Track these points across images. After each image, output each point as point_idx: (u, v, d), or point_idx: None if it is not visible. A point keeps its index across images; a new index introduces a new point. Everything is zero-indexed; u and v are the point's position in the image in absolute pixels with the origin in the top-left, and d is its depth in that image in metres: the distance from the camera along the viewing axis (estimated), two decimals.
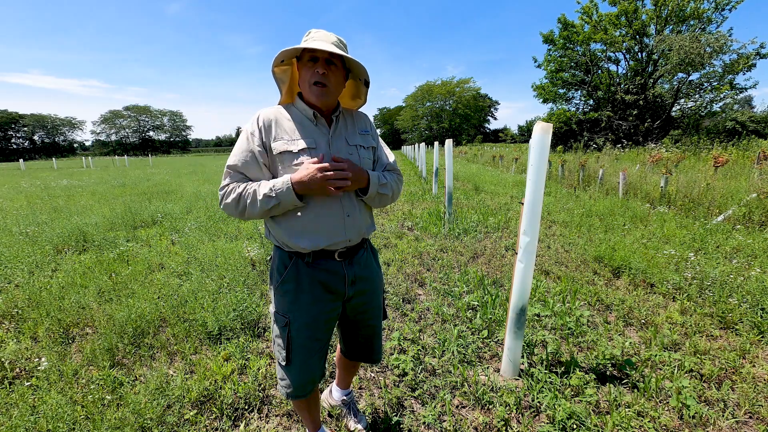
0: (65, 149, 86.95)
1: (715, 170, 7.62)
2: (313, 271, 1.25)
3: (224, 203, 1.20)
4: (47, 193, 10.23)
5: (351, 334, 1.48)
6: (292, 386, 1.33)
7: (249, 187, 1.17)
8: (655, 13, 24.74)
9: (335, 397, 1.83)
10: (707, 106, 24.98)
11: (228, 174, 1.21)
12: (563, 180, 10.17)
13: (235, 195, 1.17)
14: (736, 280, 3.07)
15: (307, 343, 1.28)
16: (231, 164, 1.21)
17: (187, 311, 2.82)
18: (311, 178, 1.12)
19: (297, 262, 1.25)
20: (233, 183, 1.19)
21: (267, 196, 1.14)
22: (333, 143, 1.23)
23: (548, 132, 1.76)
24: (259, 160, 1.20)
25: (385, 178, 1.32)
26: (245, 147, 1.21)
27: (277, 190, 1.13)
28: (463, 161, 22.42)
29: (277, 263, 1.30)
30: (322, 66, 1.17)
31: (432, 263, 3.98)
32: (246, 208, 1.17)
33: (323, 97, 1.20)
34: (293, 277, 1.25)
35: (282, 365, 1.32)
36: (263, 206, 1.14)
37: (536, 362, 2.21)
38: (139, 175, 16.55)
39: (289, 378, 1.32)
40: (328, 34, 1.21)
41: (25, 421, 1.77)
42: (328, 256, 1.26)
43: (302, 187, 1.13)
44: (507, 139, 68.56)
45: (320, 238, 1.21)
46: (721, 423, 1.75)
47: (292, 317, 1.26)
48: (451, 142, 5.79)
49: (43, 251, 4.35)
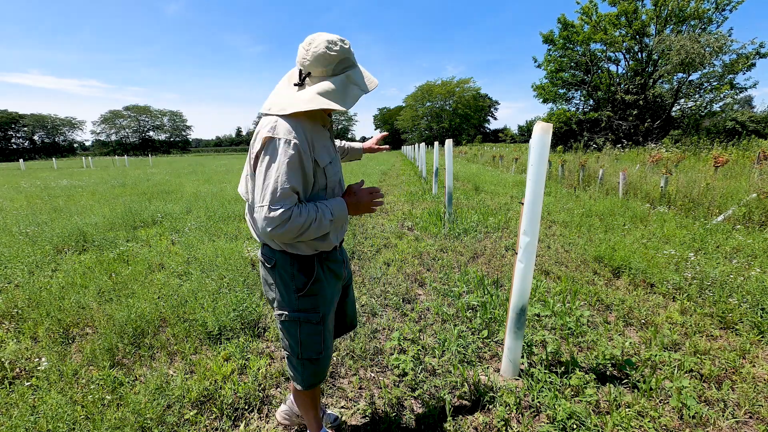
0: (65, 149, 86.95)
1: (715, 170, 7.63)
2: (330, 263, 1.36)
3: (286, 228, 1.10)
4: (47, 193, 10.23)
5: (342, 309, 1.58)
6: (321, 372, 1.44)
7: (312, 213, 1.14)
8: (655, 13, 24.76)
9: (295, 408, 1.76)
10: (707, 106, 24.99)
11: (288, 195, 1.10)
12: (563, 180, 10.17)
13: (301, 221, 1.11)
14: (736, 280, 3.07)
15: (330, 328, 1.42)
16: (291, 185, 1.10)
17: (187, 311, 2.82)
18: (365, 208, 1.30)
19: (321, 261, 1.33)
20: (292, 205, 1.11)
21: (330, 220, 1.19)
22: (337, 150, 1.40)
23: (548, 132, 1.76)
24: (308, 179, 1.17)
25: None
26: (298, 163, 1.12)
27: (336, 216, 1.21)
28: (463, 161, 22.42)
29: (299, 268, 1.28)
30: None
31: (432, 263, 3.98)
32: (308, 232, 1.14)
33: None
34: (321, 274, 1.33)
35: (316, 359, 1.38)
36: (325, 229, 1.19)
37: (536, 362, 2.21)
38: (139, 175, 16.56)
39: (320, 366, 1.41)
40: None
41: (25, 421, 1.77)
42: (334, 249, 1.38)
43: (355, 210, 1.29)
44: (507, 139, 68.54)
45: (340, 235, 1.38)
46: (721, 423, 1.75)
47: (324, 311, 1.35)
48: (451, 142, 5.79)
49: (43, 251, 4.35)
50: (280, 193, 1.09)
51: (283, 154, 1.09)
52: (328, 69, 1.16)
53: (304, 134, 1.14)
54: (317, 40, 1.15)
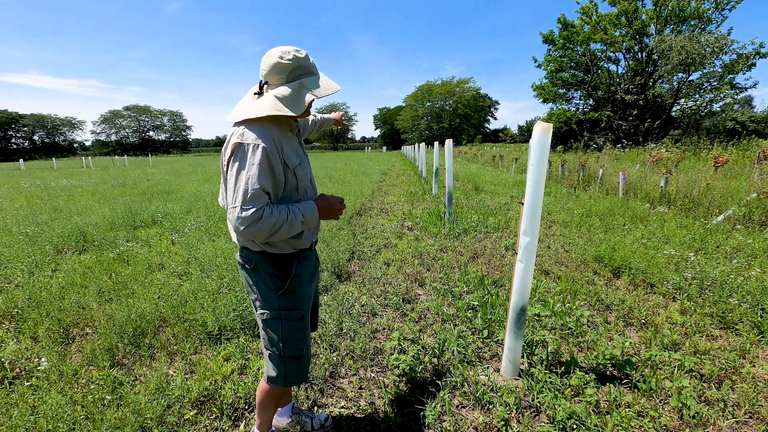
0: (65, 149, 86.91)
1: (715, 170, 7.62)
2: (308, 262, 1.43)
3: (258, 227, 1.16)
4: (47, 193, 10.23)
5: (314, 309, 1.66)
6: (305, 368, 1.48)
7: (283, 213, 1.21)
8: (655, 13, 24.76)
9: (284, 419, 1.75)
10: (707, 106, 24.99)
11: (258, 197, 1.17)
12: (563, 180, 10.17)
13: (272, 221, 1.18)
14: (736, 280, 3.07)
15: (309, 325, 1.47)
16: (261, 186, 1.17)
17: (187, 311, 2.82)
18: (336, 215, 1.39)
19: (299, 259, 1.39)
20: (263, 206, 1.18)
21: (301, 222, 1.27)
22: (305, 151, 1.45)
23: (548, 132, 1.76)
24: (278, 180, 1.25)
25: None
26: (267, 165, 1.19)
27: (307, 219, 1.29)
28: (463, 161, 22.42)
29: (278, 266, 1.36)
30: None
31: (432, 263, 3.98)
32: (279, 232, 1.21)
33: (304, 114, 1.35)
34: (300, 271, 1.39)
35: (298, 357, 1.43)
36: (296, 231, 1.26)
37: (536, 362, 2.21)
38: (139, 175, 16.56)
39: (302, 364, 1.46)
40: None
41: (25, 421, 1.77)
42: (310, 248, 1.46)
43: (325, 215, 1.37)
44: (507, 139, 68.53)
45: (314, 234, 1.44)
46: (721, 423, 1.75)
47: (304, 309, 1.41)
48: (451, 142, 5.79)
49: (43, 251, 4.35)
50: (250, 194, 1.16)
51: (251, 158, 1.17)
52: (282, 77, 1.25)
53: (271, 138, 1.21)
54: (273, 51, 1.26)
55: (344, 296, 3.14)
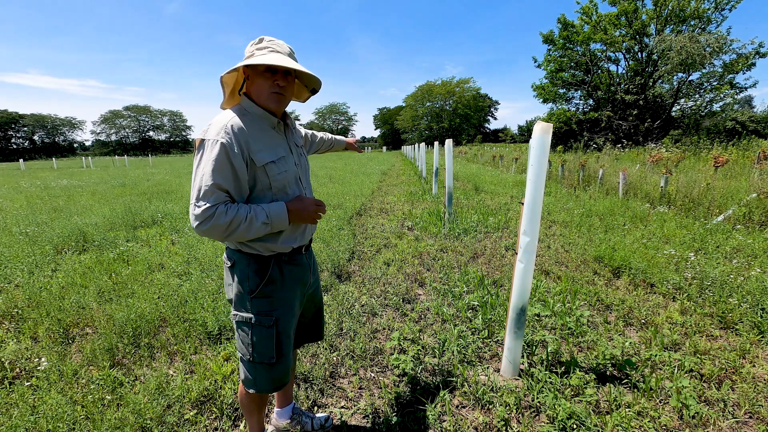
0: (65, 149, 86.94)
1: (715, 170, 7.62)
2: (292, 267, 1.36)
3: (210, 225, 1.11)
4: (47, 193, 10.23)
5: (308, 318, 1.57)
6: (278, 378, 1.38)
7: (241, 213, 1.14)
8: (655, 13, 24.75)
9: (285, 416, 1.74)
10: (707, 106, 24.98)
11: (211, 193, 1.12)
12: (563, 180, 10.17)
13: (226, 219, 1.12)
14: (736, 280, 3.07)
15: (289, 333, 1.39)
16: (214, 182, 1.12)
17: (187, 311, 2.82)
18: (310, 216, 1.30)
19: (278, 263, 1.32)
20: (218, 204, 1.12)
21: (264, 223, 1.18)
22: (292, 149, 1.36)
23: (548, 132, 1.77)
24: (241, 179, 1.17)
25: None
26: (225, 162, 1.13)
27: (273, 219, 1.20)
28: (463, 161, 22.42)
29: (253, 268, 1.29)
30: (282, 79, 1.22)
31: (432, 263, 3.98)
32: (236, 232, 1.15)
33: (282, 105, 1.26)
34: (278, 276, 1.32)
35: (269, 364, 1.34)
36: (258, 233, 1.19)
37: (536, 362, 2.21)
38: (139, 175, 16.56)
39: (274, 373, 1.37)
40: (283, 44, 1.26)
41: (25, 421, 1.77)
42: (297, 252, 1.39)
43: (298, 220, 1.28)
44: (507, 139, 68.55)
45: (299, 238, 1.36)
46: (721, 423, 1.75)
47: (278, 314, 1.33)
48: (451, 142, 5.79)
49: (43, 251, 4.35)
50: (203, 191, 1.12)
51: (208, 154, 1.13)
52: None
53: (233, 134, 1.15)
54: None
55: (344, 296, 3.14)
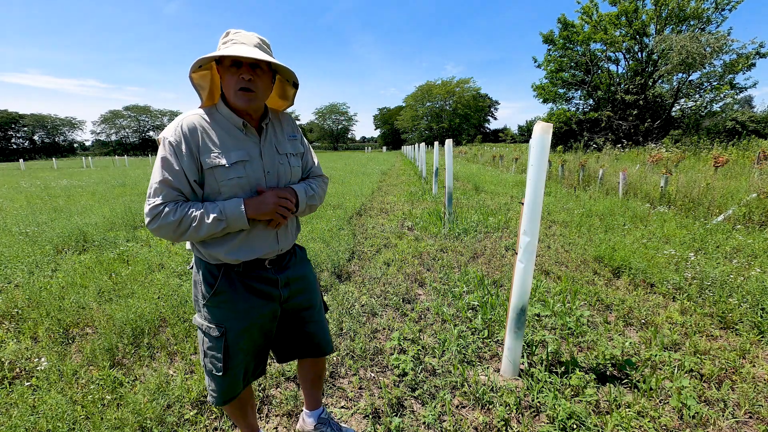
0: (65, 149, 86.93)
1: (715, 170, 7.62)
2: (246, 279, 1.24)
3: (159, 224, 1.07)
4: (47, 193, 10.23)
5: (298, 332, 1.43)
6: (227, 391, 1.29)
7: (193, 210, 1.09)
8: (655, 13, 24.74)
9: (310, 421, 1.68)
10: (707, 106, 24.96)
11: (161, 191, 1.08)
12: (563, 180, 10.17)
13: (176, 217, 1.07)
14: (736, 280, 3.07)
15: (244, 347, 1.27)
16: (163, 179, 1.08)
17: (187, 311, 2.82)
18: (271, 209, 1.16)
19: (228, 273, 1.22)
20: (167, 201, 1.09)
21: (217, 220, 1.10)
22: (264, 154, 1.21)
23: (548, 132, 1.76)
24: (189, 178, 1.12)
25: (312, 189, 1.33)
26: (174, 160, 1.09)
27: (228, 215, 1.11)
28: (463, 161, 22.42)
29: (204, 275, 1.24)
30: (247, 72, 1.11)
31: (432, 263, 3.98)
32: (188, 231, 1.09)
33: (251, 103, 1.15)
34: (226, 288, 1.22)
35: (218, 376, 1.25)
36: (211, 230, 1.10)
37: (536, 362, 2.21)
38: (139, 175, 16.56)
39: (223, 385, 1.27)
40: (249, 35, 1.15)
41: (25, 421, 1.77)
42: (258, 265, 1.25)
43: (257, 215, 1.15)
44: (507, 139, 68.61)
45: (255, 251, 1.22)
46: (721, 423, 1.75)
47: (229, 326, 1.23)
48: (451, 142, 5.79)
49: (43, 251, 4.35)
50: (153, 189, 1.10)
51: (160, 152, 1.11)
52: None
53: (182, 133, 1.11)
54: None
55: (344, 296, 3.14)
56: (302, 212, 1.31)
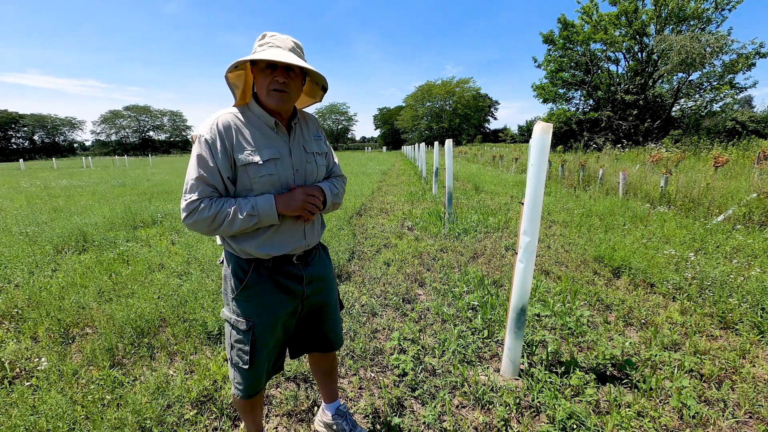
0: (65, 149, 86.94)
1: (715, 170, 7.62)
2: (275, 275, 1.28)
3: (195, 219, 1.13)
4: (47, 193, 10.23)
5: (314, 329, 1.49)
6: (249, 386, 1.33)
7: (226, 206, 1.14)
8: (655, 13, 24.74)
9: (328, 413, 1.71)
10: (707, 106, 24.96)
11: (196, 187, 1.14)
12: (563, 180, 10.17)
13: (211, 212, 1.12)
14: (736, 280, 3.07)
15: (269, 342, 1.31)
16: (198, 176, 1.14)
17: (187, 311, 2.82)
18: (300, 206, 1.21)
19: (258, 268, 1.27)
20: (203, 197, 1.14)
21: (249, 215, 1.14)
22: (294, 152, 1.27)
23: (548, 132, 1.77)
24: (222, 174, 1.16)
25: (336, 187, 1.42)
26: (209, 157, 1.15)
27: (260, 211, 1.16)
28: (463, 161, 22.42)
29: (234, 270, 1.28)
30: (281, 74, 1.16)
31: (432, 263, 3.98)
32: (222, 226, 1.14)
33: (283, 104, 1.19)
34: (256, 282, 1.26)
35: (245, 369, 1.30)
36: (243, 225, 1.15)
37: (536, 362, 2.21)
38: (139, 175, 16.56)
39: (249, 379, 1.32)
40: (284, 38, 1.19)
41: (25, 421, 1.77)
42: (286, 261, 1.30)
43: (287, 211, 1.20)
44: (507, 139, 68.62)
45: (285, 245, 1.26)
46: (721, 423, 1.75)
47: (256, 320, 1.27)
48: (451, 142, 5.79)
49: (43, 251, 4.35)
50: (189, 185, 1.15)
51: (195, 149, 1.16)
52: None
53: (218, 131, 1.15)
54: None
55: (344, 296, 3.14)
56: (327, 210, 1.36)
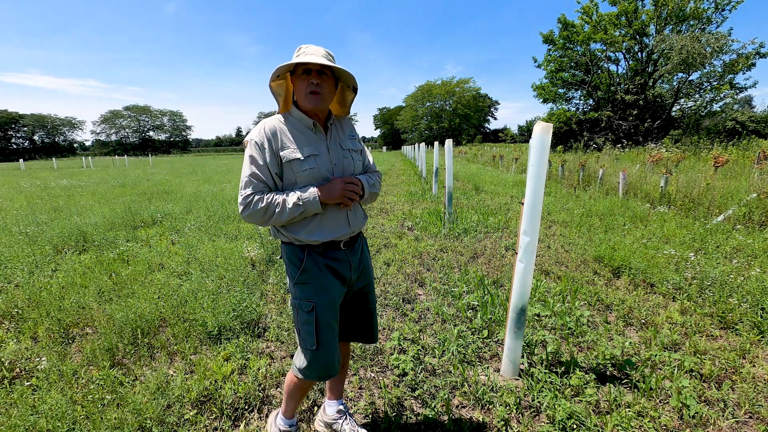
0: (65, 149, 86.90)
1: (715, 170, 7.62)
2: (326, 259, 1.41)
3: (250, 212, 1.30)
4: (47, 193, 10.23)
5: (355, 317, 1.60)
6: (323, 366, 1.44)
7: (276, 198, 1.30)
8: (655, 13, 24.74)
9: (329, 412, 1.75)
10: (707, 106, 24.96)
11: (250, 183, 1.32)
12: (563, 180, 10.16)
13: (263, 204, 1.29)
14: (736, 280, 3.07)
15: (330, 323, 1.43)
16: (252, 173, 1.31)
17: (187, 311, 2.82)
18: (339, 194, 1.34)
19: (311, 253, 1.40)
20: (256, 192, 1.31)
21: (296, 205, 1.29)
22: (331, 149, 1.41)
23: (548, 132, 1.76)
24: (272, 171, 1.33)
25: (372, 178, 1.54)
26: (260, 157, 1.32)
27: (304, 200, 1.30)
28: (463, 161, 22.42)
29: (290, 257, 1.42)
30: (315, 77, 1.31)
31: (432, 263, 3.98)
32: (273, 216, 1.30)
33: (318, 104, 1.34)
34: (312, 265, 1.40)
35: (312, 350, 1.42)
36: (291, 214, 1.30)
37: (536, 362, 2.21)
38: (139, 175, 16.56)
39: (319, 361, 1.43)
40: (318, 48, 1.35)
41: (25, 421, 1.76)
42: (335, 247, 1.43)
43: (328, 199, 1.33)
44: (507, 139, 68.57)
45: (331, 232, 1.40)
46: (721, 423, 1.75)
47: (317, 301, 1.40)
48: (451, 142, 5.79)
49: (43, 251, 4.35)
50: (244, 182, 1.33)
51: (248, 152, 1.35)
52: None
53: (265, 134, 1.33)
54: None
55: None
56: (366, 199, 1.48)
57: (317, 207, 1.32)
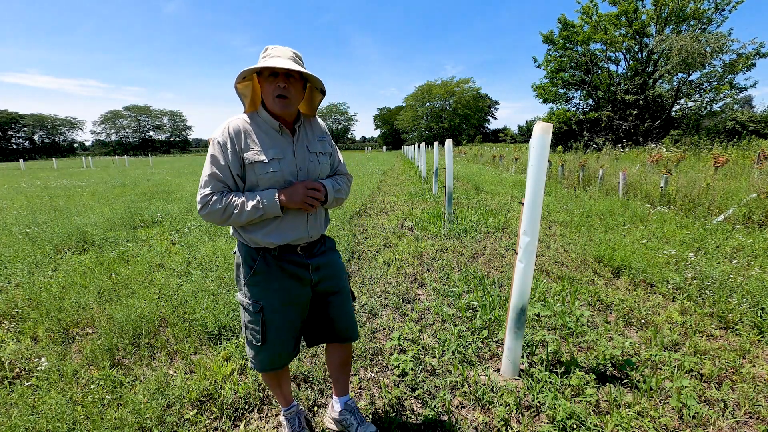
0: (65, 149, 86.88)
1: (715, 170, 7.62)
2: (280, 262, 1.41)
3: (208, 211, 1.30)
4: (47, 193, 10.23)
5: (322, 317, 1.57)
6: (266, 361, 1.48)
7: (235, 199, 1.29)
8: (655, 13, 24.74)
9: (336, 409, 1.75)
10: (707, 106, 24.96)
11: (209, 183, 1.31)
12: (563, 180, 10.16)
13: (221, 205, 1.28)
14: (736, 280, 3.07)
15: (279, 323, 1.44)
16: (211, 173, 1.30)
17: (187, 311, 2.82)
18: (301, 199, 1.33)
19: (265, 256, 1.41)
20: (215, 192, 1.30)
21: (255, 207, 1.29)
22: (297, 152, 1.40)
23: (548, 132, 1.76)
24: (233, 172, 1.32)
25: (339, 183, 1.52)
26: (221, 157, 1.31)
27: (264, 203, 1.30)
28: (463, 161, 22.41)
29: (245, 258, 1.43)
30: (282, 80, 1.30)
31: (432, 263, 3.98)
32: (232, 216, 1.30)
33: (286, 108, 1.33)
34: (263, 269, 1.41)
35: (257, 346, 1.44)
36: (250, 216, 1.30)
37: (536, 362, 2.21)
38: (139, 175, 16.56)
39: (263, 355, 1.47)
40: (285, 49, 1.33)
41: (25, 421, 1.77)
42: (291, 250, 1.43)
43: (289, 203, 1.33)
44: (507, 139, 68.56)
45: (287, 235, 1.39)
46: (721, 423, 1.75)
47: (265, 303, 1.41)
48: (451, 142, 5.79)
49: (43, 251, 4.35)
50: (204, 181, 1.32)
51: (210, 150, 1.34)
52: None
53: (229, 134, 1.32)
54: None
55: None
56: (330, 204, 1.48)
57: (277, 211, 1.31)
